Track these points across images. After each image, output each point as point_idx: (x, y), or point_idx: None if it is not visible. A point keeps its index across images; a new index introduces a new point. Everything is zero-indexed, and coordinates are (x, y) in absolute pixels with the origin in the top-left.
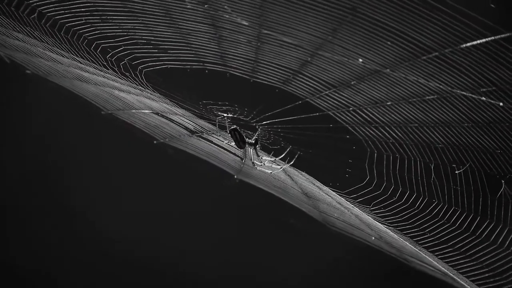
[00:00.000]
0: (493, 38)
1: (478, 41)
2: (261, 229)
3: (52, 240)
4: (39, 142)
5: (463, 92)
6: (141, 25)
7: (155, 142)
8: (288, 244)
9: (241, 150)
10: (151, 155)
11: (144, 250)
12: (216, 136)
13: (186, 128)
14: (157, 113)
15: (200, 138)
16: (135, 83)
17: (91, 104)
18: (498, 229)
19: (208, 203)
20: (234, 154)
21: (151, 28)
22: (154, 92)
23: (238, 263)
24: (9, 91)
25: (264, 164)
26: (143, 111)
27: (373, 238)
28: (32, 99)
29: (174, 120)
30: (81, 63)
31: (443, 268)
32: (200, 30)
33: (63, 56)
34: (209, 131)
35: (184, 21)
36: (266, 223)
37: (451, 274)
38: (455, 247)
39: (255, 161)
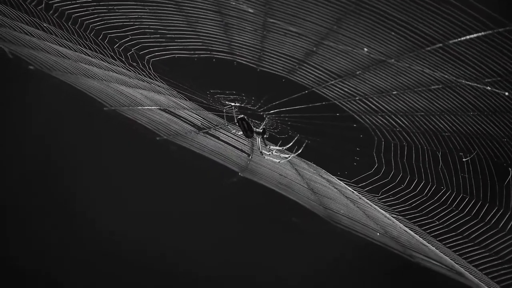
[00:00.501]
0: (497, 30)
1: (482, 33)
2: (261, 229)
3: (52, 240)
4: (39, 142)
5: (468, 82)
6: (148, 14)
7: (157, 138)
8: (289, 244)
9: (249, 140)
10: (151, 155)
11: (144, 249)
12: (223, 131)
13: (193, 125)
14: (164, 110)
15: (206, 135)
16: (143, 74)
17: (91, 103)
18: (507, 216)
19: (208, 203)
20: (241, 150)
21: (157, 17)
22: (162, 82)
23: (238, 263)
24: (9, 91)
25: (272, 153)
26: (149, 107)
27: (378, 234)
28: (32, 99)
29: (180, 116)
30: (89, 55)
31: (450, 261)
32: (207, 17)
33: (70, 49)
34: (217, 126)
35: (191, 8)
36: (266, 223)
37: (458, 267)
38: (464, 235)
39: (263, 151)
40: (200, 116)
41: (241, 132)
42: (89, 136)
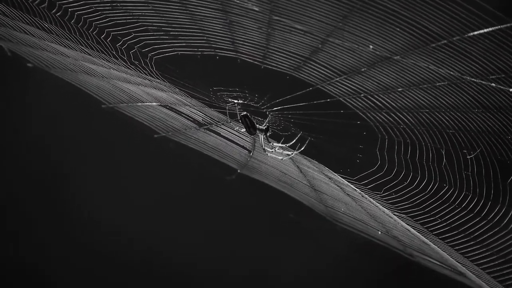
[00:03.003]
0: (501, 26)
1: (487, 30)
2: (260, 225)
3: (52, 240)
4: (39, 142)
5: (473, 79)
6: (151, 11)
7: (155, 136)
8: (289, 240)
9: (251, 137)
10: (151, 152)
11: (144, 247)
12: (225, 128)
13: (194, 121)
14: (165, 106)
15: (207, 131)
16: (145, 73)
17: (92, 101)
18: (510, 214)
19: (208, 198)
20: (243, 147)
21: (161, 14)
22: (164, 81)
23: (237, 259)
24: (9, 90)
25: (275, 150)
26: (149, 103)
27: (380, 232)
28: (32, 98)
29: (182, 113)
30: (90, 55)
31: (451, 260)
32: (211, 15)
33: (71, 49)
34: (219, 122)
35: (195, 6)
36: (266, 218)
37: (460, 267)
38: (466, 233)
39: (265, 148)
40: (202, 113)
41: (244, 129)
42: (88, 135)
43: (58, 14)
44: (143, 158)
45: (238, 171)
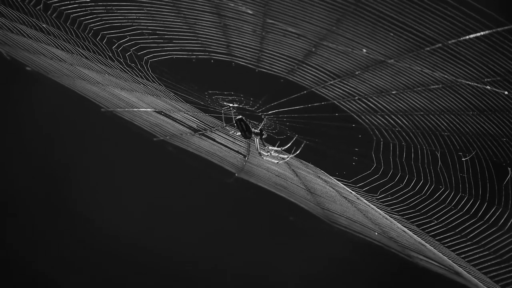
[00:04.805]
0: (496, 30)
1: (482, 33)
2: (260, 225)
3: (52, 240)
4: (39, 142)
5: (468, 82)
6: (146, 15)
7: (154, 139)
8: (289, 240)
9: (246, 141)
10: (151, 153)
11: (144, 248)
12: (220, 133)
13: (189, 127)
14: (160, 112)
15: (202, 137)
16: (140, 76)
17: (91, 104)
18: (506, 215)
19: (208, 199)
20: (237, 152)
21: (156, 18)
22: (160, 84)
23: (238, 259)
24: (10, 91)
25: (270, 154)
26: (145, 109)
27: (376, 233)
28: (33, 99)
29: (176, 119)
30: (86, 57)
31: (448, 261)
32: (205, 19)
33: (68, 51)
34: (213, 128)
35: (189, 10)
36: (264, 220)
37: (457, 267)
38: (462, 233)
39: (261, 151)
40: (196, 118)
41: (239, 133)
42: (88, 136)
43: (54, 15)
44: (143, 160)
45: (236, 174)
